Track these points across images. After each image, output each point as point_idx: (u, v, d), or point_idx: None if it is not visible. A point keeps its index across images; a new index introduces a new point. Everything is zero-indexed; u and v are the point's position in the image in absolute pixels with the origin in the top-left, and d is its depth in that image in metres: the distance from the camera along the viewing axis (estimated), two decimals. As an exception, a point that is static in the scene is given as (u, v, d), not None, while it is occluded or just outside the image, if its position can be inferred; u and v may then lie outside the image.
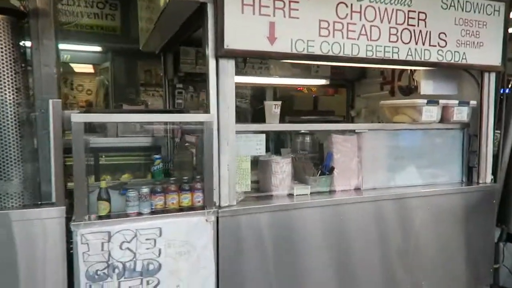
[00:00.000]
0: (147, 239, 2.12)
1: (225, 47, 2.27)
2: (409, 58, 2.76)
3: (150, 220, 2.14)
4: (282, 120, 2.78)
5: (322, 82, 4.60)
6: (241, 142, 2.53)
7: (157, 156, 2.53)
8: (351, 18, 2.57)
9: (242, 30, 2.30)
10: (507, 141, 3.27)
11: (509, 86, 3.31)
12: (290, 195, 2.69)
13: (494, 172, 3.25)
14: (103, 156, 4.05)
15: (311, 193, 2.73)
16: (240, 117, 8.80)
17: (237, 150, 2.47)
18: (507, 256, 3.31)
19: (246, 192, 2.58)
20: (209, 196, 2.29)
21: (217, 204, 2.36)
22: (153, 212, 2.19)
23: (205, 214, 2.24)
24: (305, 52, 2.46)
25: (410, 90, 3.71)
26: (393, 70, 3.97)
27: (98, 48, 6.51)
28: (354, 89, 4.88)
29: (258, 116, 7.74)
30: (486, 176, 3.18)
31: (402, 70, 3.78)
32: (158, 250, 2.14)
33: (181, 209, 2.25)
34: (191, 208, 2.26)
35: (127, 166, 4.08)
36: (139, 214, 2.15)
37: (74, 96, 11.52)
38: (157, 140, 4.02)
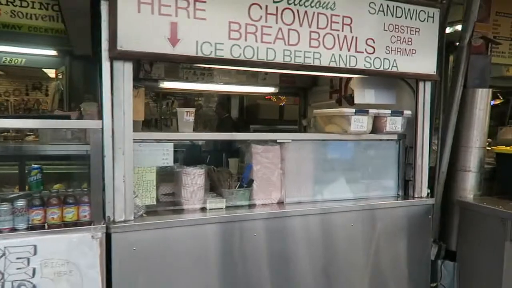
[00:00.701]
0: (18, 258, 1.91)
1: (118, 48, 2.09)
2: (333, 64, 2.61)
3: (23, 237, 1.93)
4: (247, 129, 2.61)
5: (271, 90, 4.44)
6: (145, 151, 2.34)
7: (34, 166, 2.32)
8: (266, 21, 2.41)
9: (139, 30, 2.13)
10: (445, 152, 3.12)
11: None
12: (203, 209, 2.51)
13: (432, 186, 3.11)
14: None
15: (228, 206, 2.55)
16: (207, 125, 8.66)
17: (140, 160, 2.29)
18: (445, 275, 3.15)
19: (151, 206, 2.39)
20: (97, 210, 2.10)
21: (112, 219, 2.16)
22: (31, 228, 1.98)
23: (91, 230, 2.03)
24: (213, 55, 2.29)
25: (354, 99, 3.57)
26: (341, 78, 3.83)
27: (53, 52, 6.29)
28: (307, 98, 4.73)
29: (224, 124, 7.59)
30: (422, 189, 3.03)
31: (349, 78, 3.64)
32: (32, 270, 1.93)
33: (64, 224, 2.04)
34: (76, 223, 2.06)
35: (62, 176, 3.87)
36: (13, 230, 1.95)
37: (47, 101, 11.26)
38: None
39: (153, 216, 2.32)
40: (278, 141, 2.68)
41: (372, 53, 2.72)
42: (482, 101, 3.07)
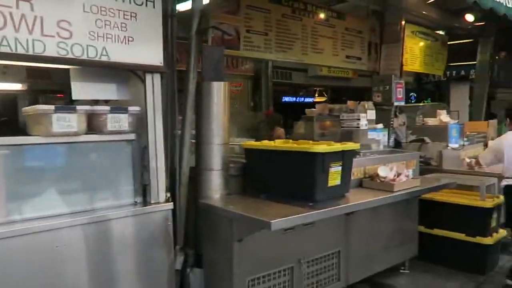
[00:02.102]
0: None
1: None
2: (5, 49, 2.07)
3: None
4: None
5: (17, 86, 3.69)
6: None
7: None
8: None
9: None
10: (184, 152, 2.89)
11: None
12: None
13: (173, 188, 2.84)
14: None
15: None
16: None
17: None
18: (193, 282, 2.91)
19: None
20: None
21: None
22: None
23: None
24: None
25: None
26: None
27: None
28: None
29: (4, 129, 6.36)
30: (159, 194, 2.72)
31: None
32: None
33: None
34: None
35: None
36: None
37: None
38: None
39: None
40: None
41: (69, 38, 2.27)
42: (219, 94, 2.92)
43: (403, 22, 4.96)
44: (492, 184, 4.17)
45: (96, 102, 2.69)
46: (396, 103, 4.98)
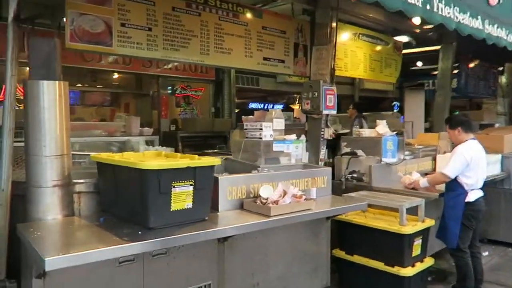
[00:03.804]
0: None
1: None
2: None
3: None
4: None
5: None
6: None
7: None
8: None
9: None
10: (2, 164, 2.40)
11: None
12: None
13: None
14: None
15: None
16: None
17: None
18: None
19: None
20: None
21: None
22: None
23: None
24: None
25: None
26: None
27: None
28: None
29: None
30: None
31: None
32: None
33: None
34: None
35: None
36: None
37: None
38: None
39: None
40: None
41: None
42: (51, 96, 2.44)
43: (334, 24, 4.48)
44: (419, 205, 3.64)
45: None
46: (325, 112, 4.48)
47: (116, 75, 9.94)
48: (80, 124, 4.50)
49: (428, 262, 3.65)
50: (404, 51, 6.95)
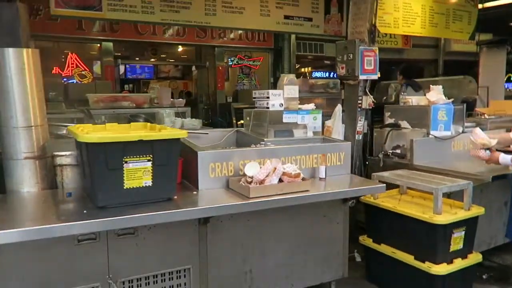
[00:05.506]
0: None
1: None
2: None
3: None
4: None
5: None
6: None
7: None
8: None
9: None
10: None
11: None
12: None
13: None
14: None
15: None
16: None
17: None
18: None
19: None
20: None
21: None
22: None
23: None
24: None
25: None
26: None
27: None
28: None
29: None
30: None
31: None
32: None
33: None
34: None
35: None
36: None
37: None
38: None
39: None
40: None
41: None
42: (17, 64, 2.32)
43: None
44: (466, 189, 2.94)
45: None
46: (363, 77, 3.86)
47: (180, 48, 10.04)
48: (107, 96, 4.52)
49: (474, 258, 2.97)
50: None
